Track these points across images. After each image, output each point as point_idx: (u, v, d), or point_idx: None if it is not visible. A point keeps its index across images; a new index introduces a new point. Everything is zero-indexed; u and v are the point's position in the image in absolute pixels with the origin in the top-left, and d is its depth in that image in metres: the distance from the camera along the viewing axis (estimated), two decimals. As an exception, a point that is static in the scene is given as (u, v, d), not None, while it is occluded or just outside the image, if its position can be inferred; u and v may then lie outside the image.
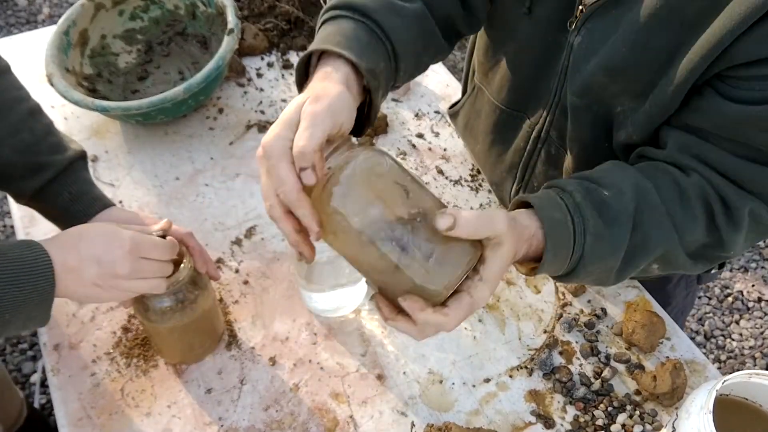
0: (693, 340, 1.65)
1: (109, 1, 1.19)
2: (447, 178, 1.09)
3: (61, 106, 1.18)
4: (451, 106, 1.08)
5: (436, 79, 1.26)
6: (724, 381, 0.66)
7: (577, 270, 0.64)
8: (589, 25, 0.71)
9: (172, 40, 1.26)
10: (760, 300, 2.00)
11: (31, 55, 1.26)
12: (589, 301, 0.93)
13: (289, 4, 1.33)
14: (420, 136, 1.16)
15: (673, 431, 0.68)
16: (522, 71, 0.84)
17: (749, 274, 2.07)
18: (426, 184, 0.86)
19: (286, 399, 0.83)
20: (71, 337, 0.87)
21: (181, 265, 0.77)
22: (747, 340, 1.92)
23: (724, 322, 1.96)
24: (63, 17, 1.14)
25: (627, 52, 0.67)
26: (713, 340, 1.92)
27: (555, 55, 0.77)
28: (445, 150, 1.14)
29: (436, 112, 1.20)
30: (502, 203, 1.02)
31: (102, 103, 1.04)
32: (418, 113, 1.20)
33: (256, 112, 1.19)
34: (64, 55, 1.12)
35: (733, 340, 1.92)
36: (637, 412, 0.82)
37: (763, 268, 2.08)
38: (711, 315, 1.97)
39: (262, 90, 1.23)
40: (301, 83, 0.68)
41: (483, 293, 0.58)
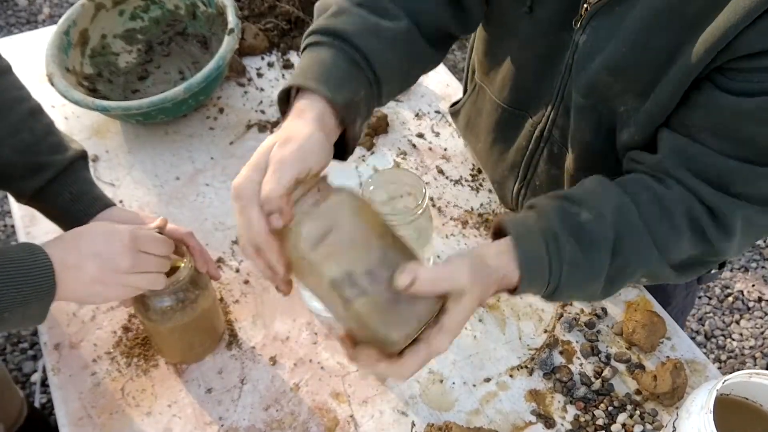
0: (693, 339, 1.65)
1: (110, 1, 1.19)
2: (447, 177, 1.09)
3: (61, 105, 1.18)
4: (452, 104, 1.08)
5: (436, 79, 1.26)
6: (725, 381, 0.66)
7: (555, 295, 0.64)
8: (594, 23, 0.70)
9: (172, 39, 1.26)
10: (760, 300, 2.00)
11: (31, 54, 1.27)
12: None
13: (290, 4, 1.33)
14: (420, 135, 1.16)
15: (673, 431, 0.68)
16: (524, 70, 0.84)
17: (749, 274, 2.06)
18: (426, 183, 0.86)
19: (286, 399, 0.83)
20: (72, 337, 0.88)
21: (182, 264, 0.77)
22: (747, 339, 1.92)
23: (724, 322, 1.96)
24: (63, 17, 1.14)
25: (629, 49, 0.67)
26: (713, 340, 1.92)
27: (558, 54, 0.77)
28: (445, 150, 1.14)
29: (436, 112, 1.20)
30: (504, 202, 1.02)
31: (102, 103, 1.04)
32: (418, 113, 1.20)
33: (256, 111, 1.19)
34: (65, 54, 1.12)
35: (733, 340, 1.92)
36: (638, 412, 0.82)
37: (763, 268, 2.08)
38: (711, 315, 1.97)
39: (262, 90, 1.23)
40: (284, 111, 0.67)
41: (441, 343, 0.58)
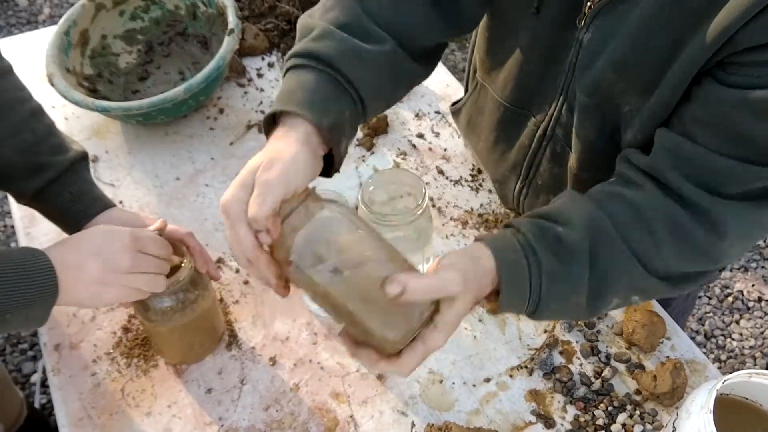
0: (693, 339, 1.65)
1: (110, 2, 1.19)
2: (447, 178, 1.09)
3: (61, 106, 1.18)
4: (453, 103, 1.08)
5: (436, 79, 1.26)
6: (725, 381, 0.66)
7: (539, 309, 0.64)
8: (598, 21, 0.70)
9: (172, 40, 1.26)
10: (760, 300, 2.00)
11: (31, 55, 1.27)
12: (589, 300, 0.93)
13: (290, 5, 1.33)
14: (420, 136, 1.16)
15: (673, 431, 0.68)
16: (527, 69, 0.84)
17: (749, 273, 2.06)
18: (426, 184, 0.86)
19: (286, 399, 0.83)
20: (72, 337, 0.88)
21: (182, 265, 0.77)
22: (747, 339, 1.92)
23: (724, 322, 1.96)
24: (63, 17, 1.14)
25: (632, 47, 0.67)
26: (713, 340, 1.92)
27: (562, 53, 0.76)
28: (445, 150, 1.14)
29: (436, 112, 1.20)
30: (504, 202, 1.02)
31: (102, 104, 1.04)
32: (418, 113, 1.20)
33: (256, 112, 1.20)
34: (65, 55, 1.12)
35: (733, 339, 1.92)
36: (638, 412, 0.82)
37: (763, 267, 2.08)
38: (711, 315, 1.97)
39: (262, 90, 1.23)
40: (269, 132, 0.68)
41: (437, 341, 0.60)
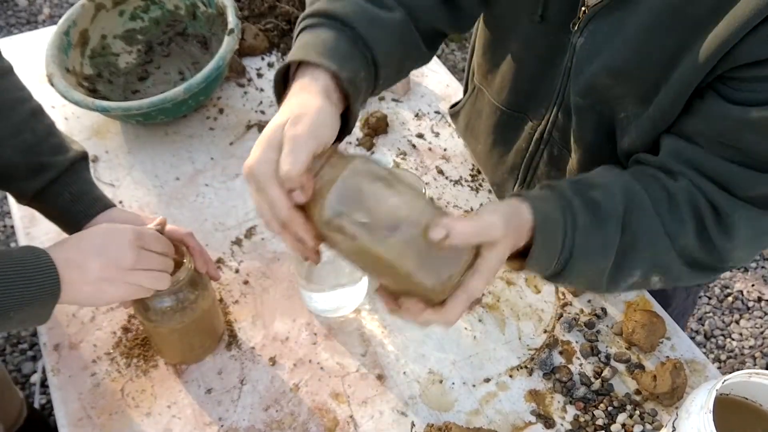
0: (693, 339, 1.65)
1: (110, 2, 1.19)
2: (447, 178, 1.09)
3: (61, 106, 1.18)
4: (451, 106, 1.08)
5: (436, 79, 1.26)
6: (724, 380, 0.66)
7: (567, 269, 0.64)
8: (592, 26, 0.70)
9: (172, 40, 1.26)
10: (760, 300, 2.00)
11: (31, 55, 1.27)
12: (589, 300, 0.93)
13: (290, 4, 1.33)
14: (420, 136, 1.16)
15: (673, 431, 0.68)
16: (523, 73, 0.84)
17: (749, 274, 2.06)
18: (426, 184, 0.86)
19: (286, 399, 0.83)
20: (71, 337, 0.88)
21: (182, 265, 0.77)
22: (747, 339, 1.92)
23: (724, 322, 1.96)
24: (63, 17, 1.14)
25: (630, 54, 0.67)
26: (713, 340, 1.92)
27: (558, 57, 0.76)
28: (445, 150, 1.14)
29: (436, 112, 1.20)
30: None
31: (102, 104, 1.04)
32: (418, 113, 1.20)
33: (256, 112, 1.20)
34: (65, 55, 1.12)
35: (733, 339, 1.92)
36: (637, 412, 0.82)
37: (763, 268, 2.08)
38: (711, 315, 1.97)
39: (262, 90, 1.23)
40: (280, 93, 0.67)
41: (478, 287, 0.58)
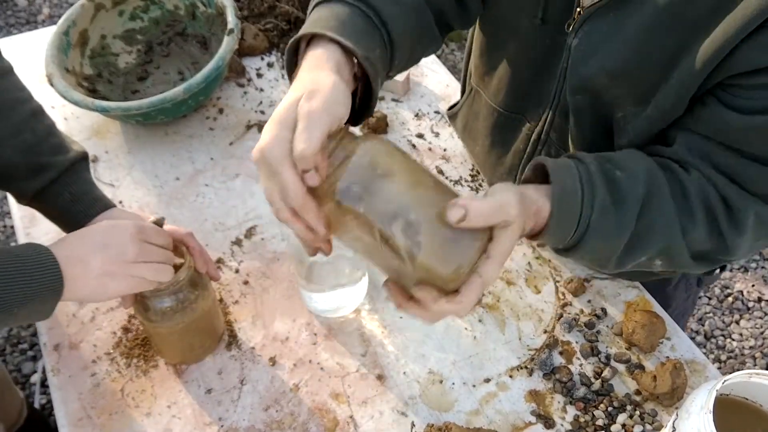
0: (693, 340, 1.65)
1: (109, 2, 1.19)
2: (447, 178, 1.09)
3: (61, 106, 1.18)
4: (450, 107, 1.08)
5: (436, 79, 1.26)
6: (725, 381, 0.66)
7: (581, 244, 0.63)
8: (587, 27, 0.70)
9: (172, 40, 1.26)
10: (760, 300, 2.00)
11: (31, 55, 1.27)
12: (589, 301, 0.93)
13: (289, 4, 1.33)
14: (420, 136, 1.16)
15: (673, 431, 0.68)
16: (520, 74, 0.84)
17: (749, 274, 2.06)
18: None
19: (286, 399, 0.83)
20: (71, 338, 0.87)
21: (182, 265, 0.77)
22: (747, 340, 1.92)
23: (724, 322, 1.96)
24: (63, 17, 1.14)
25: (628, 55, 0.67)
26: (713, 340, 1.92)
27: (554, 58, 0.77)
28: (445, 150, 1.14)
29: (436, 112, 1.20)
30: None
31: (102, 104, 1.04)
32: (418, 113, 1.20)
33: (256, 112, 1.19)
34: (64, 55, 1.12)
35: (733, 340, 1.92)
36: (638, 412, 0.82)
37: (763, 268, 2.08)
38: (711, 315, 1.97)
39: (262, 90, 1.23)
40: (291, 69, 0.65)
41: (493, 271, 0.56)
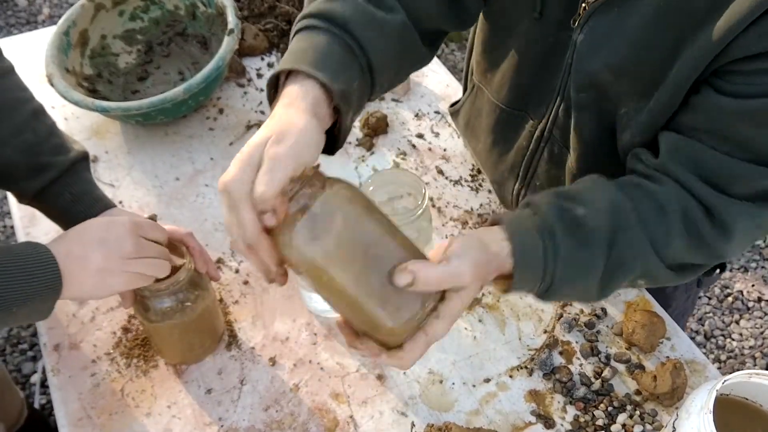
0: (693, 340, 1.65)
1: (109, 2, 1.19)
2: (447, 178, 1.09)
3: (61, 106, 1.18)
4: (452, 104, 1.08)
5: (436, 79, 1.26)
6: (725, 381, 0.66)
7: (550, 291, 0.63)
8: (592, 23, 0.70)
9: (172, 40, 1.26)
10: (760, 300, 2.00)
11: (31, 55, 1.27)
12: (589, 301, 0.93)
13: (289, 4, 1.33)
14: (420, 136, 1.16)
15: (673, 431, 0.68)
16: (523, 70, 0.83)
17: (749, 274, 2.06)
18: (426, 184, 0.86)
19: (286, 399, 0.83)
20: (71, 338, 0.88)
21: (182, 265, 0.77)
22: (747, 340, 1.92)
23: (724, 322, 1.96)
24: (63, 18, 1.14)
25: (630, 50, 0.67)
26: (713, 340, 1.92)
27: (558, 55, 0.76)
28: (445, 150, 1.14)
29: (436, 112, 1.20)
30: (504, 203, 1.02)
31: (102, 104, 1.04)
32: (418, 113, 1.20)
33: (256, 112, 1.19)
34: (64, 55, 1.12)
35: (733, 340, 1.92)
36: (638, 412, 0.82)
37: (763, 268, 2.08)
38: (711, 315, 1.97)
39: (262, 90, 1.23)
40: (271, 101, 0.66)
41: (440, 331, 0.57)
